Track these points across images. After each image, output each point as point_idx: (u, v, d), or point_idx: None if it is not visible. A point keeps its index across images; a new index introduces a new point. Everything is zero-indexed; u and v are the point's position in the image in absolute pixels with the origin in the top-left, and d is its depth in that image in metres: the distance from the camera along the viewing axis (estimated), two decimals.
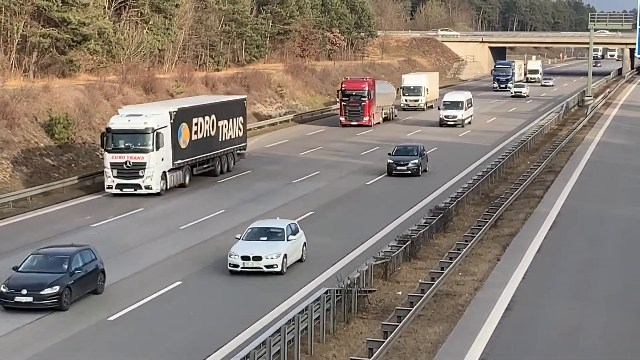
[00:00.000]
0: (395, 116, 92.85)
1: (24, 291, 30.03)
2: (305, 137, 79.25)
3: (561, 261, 37.68)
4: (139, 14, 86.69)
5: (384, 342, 26.09)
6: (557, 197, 51.18)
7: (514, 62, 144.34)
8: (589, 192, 53.90)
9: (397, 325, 27.48)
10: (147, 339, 28.32)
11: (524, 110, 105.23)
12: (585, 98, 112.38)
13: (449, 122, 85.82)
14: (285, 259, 34.97)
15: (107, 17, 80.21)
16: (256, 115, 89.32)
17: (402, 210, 47.47)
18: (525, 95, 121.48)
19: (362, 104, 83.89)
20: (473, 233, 40.47)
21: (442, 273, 33.58)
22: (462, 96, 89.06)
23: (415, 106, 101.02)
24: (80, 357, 27.05)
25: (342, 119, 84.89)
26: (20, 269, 31.34)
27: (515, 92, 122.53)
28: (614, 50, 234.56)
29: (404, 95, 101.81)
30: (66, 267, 31.09)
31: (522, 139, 74.24)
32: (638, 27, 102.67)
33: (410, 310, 28.99)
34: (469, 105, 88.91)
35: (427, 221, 41.46)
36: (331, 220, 45.77)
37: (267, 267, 34.56)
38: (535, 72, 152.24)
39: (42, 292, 30.01)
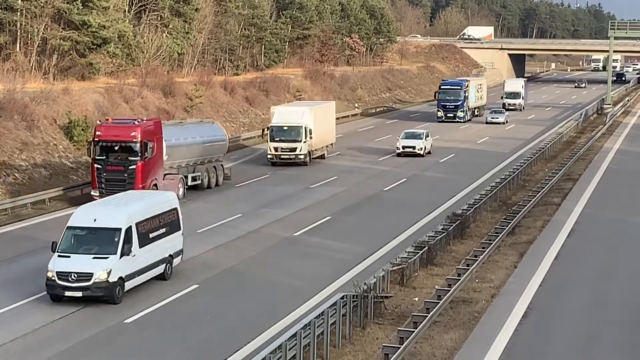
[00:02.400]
0: (226, 178, 57.57)
1: None
2: None
3: (578, 269, 37.58)
4: (159, 18, 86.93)
5: (400, 347, 26.07)
6: (575, 204, 51.03)
7: (467, 80, 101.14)
8: (607, 200, 53.72)
9: (413, 331, 27.45)
10: (162, 342, 28.34)
11: (542, 117, 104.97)
12: (605, 106, 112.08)
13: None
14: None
15: (127, 21, 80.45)
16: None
17: (420, 216, 47.42)
18: (503, 122, 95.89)
19: (130, 167, 47.74)
20: (490, 240, 40.38)
21: (459, 279, 33.51)
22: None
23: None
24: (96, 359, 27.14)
25: (94, 193, 48.02)
26: None
27: (491, 119, 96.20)
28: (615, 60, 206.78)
29: None
30: None
31: (540, 146, 74.07)
32: None
33: (427, 316, 28.95)
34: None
35: (444, 227, 41.39)
36: (348, 225, 45.77)
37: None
38: (516, 95, 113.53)
39: None
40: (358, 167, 64.86)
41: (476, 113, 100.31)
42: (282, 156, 63.69)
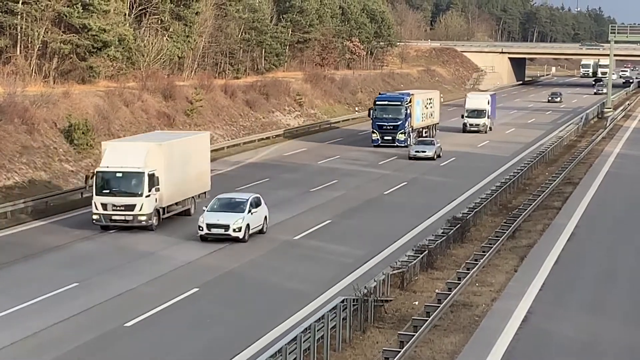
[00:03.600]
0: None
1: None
2: (323, 145, 79.30)
3: (579, 273, 37.57)
4: (159, 21, 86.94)
5: (400, 351, 26.05)
6: (575, 208, 51.03)
7: (409, 94, 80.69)
8: (608, 204, 53.71)
9: (414, 335, 27.44)
10: (163, 346, 28.33)
11: (542, 121, 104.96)
12: (605, 110, 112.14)
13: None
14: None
15: (128, 24, 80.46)
16: (274, 123, 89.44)
17: (420, 220, 47.43)
18: (432, 156, 70.53)
19: None
20: (490, 244, 40.38)
21: (459, 283, 33.50)
22: None
23: None
24: None
25: None
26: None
27: (415, 153, 70.85)
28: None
29: None
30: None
31: (541, 150, 74.08)
32: None
33: (427, 320, 28.94)
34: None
35: (444, 231, 41.39)
36: (349, 228, 45.77)
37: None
38: (479, 114, 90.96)
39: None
40: (358, 170, 64.86)
41: (424, 134, 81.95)
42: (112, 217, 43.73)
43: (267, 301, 33.06)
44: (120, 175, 43.34)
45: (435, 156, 69.44)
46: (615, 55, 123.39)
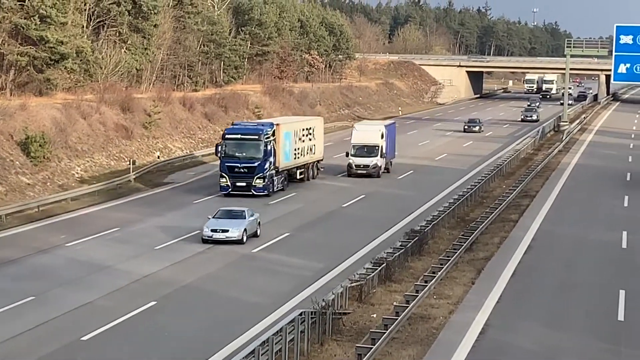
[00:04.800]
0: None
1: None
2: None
3: (536, 285, 37.80)
4: (118, 34, 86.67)
5: None
6: (532, 221, 51.36)
7: (272, 124, 60.95)
8: (564, 216, 54.10)
9: (371, 348, 27.47)
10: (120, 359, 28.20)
11: (500, 134, 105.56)
12: (561, 123, 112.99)
13: None
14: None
15: (85, 36, 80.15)
16: None
17: (378, 232, 47.53)
18: (238, 238, 45.50)
19: None
20: (448, 256, 40.53)
21: (417, 296, 33.60)
22: None
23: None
24: None
25: None
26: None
27: (209, 236, 45.01)
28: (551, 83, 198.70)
29: None
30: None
31: (498, 163, 74.50)
32: (614, 53, 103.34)
33: (385, 332, 28.99)
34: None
35: (402, 244, 41.50)
36: (307, 241, 45.78)
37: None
38: (370, 151, 68.58)
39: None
40: (316, 183, 64.90)
41: (299, 175, 63.89)
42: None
43: (225, 314, 32.98)
44: None
45: (243, 238, 43.95)
46: (571, 69, 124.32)
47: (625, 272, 40.50)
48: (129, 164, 63.77)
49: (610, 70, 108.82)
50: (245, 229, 44.39)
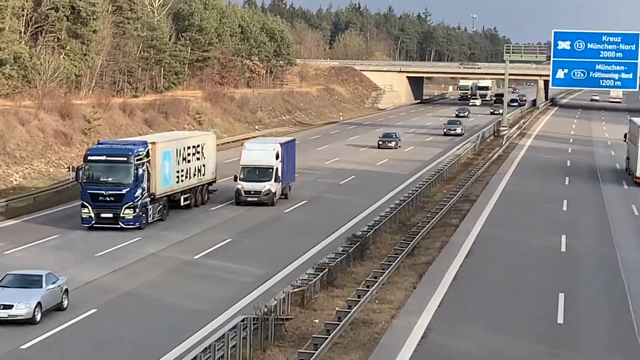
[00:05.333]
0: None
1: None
2: (223, 164, 78.89)
3: (476, 289, 38.06)
4: (56, 39, 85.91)
5: None
6: (472, 225, 51.72)
7: (146, 143, 51.11)
8: (504, 220, 54.53)
9: (314, 354, 27.47)
10: None
11: (440, 139, 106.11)
12: (501, 128, 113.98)
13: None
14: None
15: (23, 42, 79.35)
16: None
17: (320, 238, 47.57)
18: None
19: None
20: (390, 261, 40.65)
21: (359, 301, 33.66)
22: None
23: None
24: None
25: None
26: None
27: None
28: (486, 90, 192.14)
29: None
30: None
31: (439, 168, 74.90)
32: (552, 59, 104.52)
33: (327, 338, 29.01)
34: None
35: (344, 249, 41.57)
36: (249, 247, 45.68)
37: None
38: (263, 174, 58.04)
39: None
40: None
41: (184, 202, 54.93)
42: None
43: (167, 321, 32.80)
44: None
45: (35, 317, 32.22)
46: (510, 74, 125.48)
47: (565, 276, 40.95)
48: (68, 170, 63.16)
49: (548, 75, 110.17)
50: (39, 303, 32.11)
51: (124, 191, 48.48)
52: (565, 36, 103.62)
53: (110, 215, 48.39)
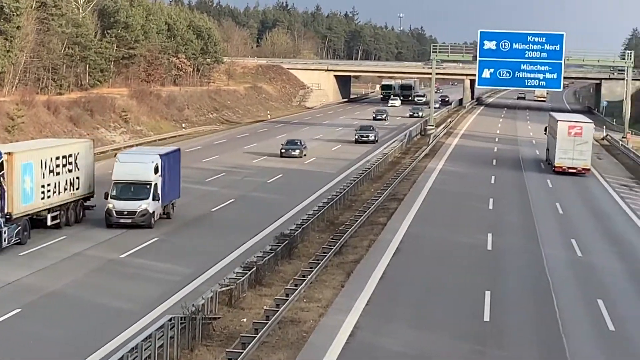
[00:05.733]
0: None
1: None
2: None
3: (404, 287, 38.20)
4: None
5: None
6: (400, 224, 51.93)
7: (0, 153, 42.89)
8: (431, 219, 54.83)
9: (242, 353, 27.37)
10: None
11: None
12: (428, 127, 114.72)
13: None
14: None
15: None
16: (100, 140, 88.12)
17: (248, 236, 47.42)
18: None
19: None
20: (318, 260, 40.68)
21: (287, 300, 33.62)
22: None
23: None
24: None
25: None
26: None
27: None
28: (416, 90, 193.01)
29: None
30: None
31: (366, 166, 75.11)
32: (478, 58, 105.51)
33: (255, 337, 28.92)
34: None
35: (272, 248, 41.49)
36: (176, 246, 45.38)
37: None
38: (138, 192, 49.56)
39: None
40: (185, 187, 64.25)
41: (52, 221, 47.39)
42: None
43: (93, 321, 32.43)
44: None
45: None
46: (437, 74, 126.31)
47: (491, 274, 41.29)
48: None
49: (475, 75, 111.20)
50: None
51: None
52: (491, 36, 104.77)
53: None
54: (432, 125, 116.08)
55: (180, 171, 55.05)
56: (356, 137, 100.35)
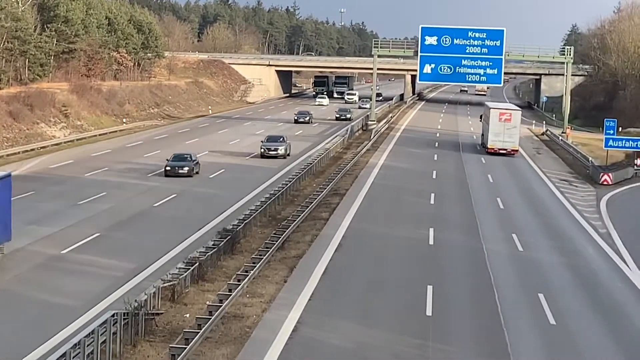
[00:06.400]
0: None
1: None
2: (90, 157, 77.87)
3: (346, 282, 38.37)
4: None
5: None
6: (342, 219, 52.12)
7: None
8: (374, 214, 55.09)
9: (185, 348, 27.36)
10: None
11: (310, 133, 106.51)
12: (369, 122, 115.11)
13: None
14: None
15: None
16: (39, 135, 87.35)
17: (191, 232, 47.32)
18: None
19: None
20: (260, 255, 40.76)
21: (230, 295, 33.66)
22: None
23: None
24: None
25: None
26: None
27: None
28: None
29: None
30: None
31: (308, 161, 75.21)
32: (419, 54, 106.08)
33: (198, 332, 28.92)
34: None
35: (214, 243, 41.47)
36: (118, 242, 45.15)
37: None
38: None
39: None
40: (127, 182, 64.08)
41: None
42: None
43: (34, 317, 32.21)
44: None
45: None
46: (378, 69, 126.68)
47: (433, 268, 41.58)
48: None
49: (416, 70, 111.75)
50: None
51: None
52: (432, 31, 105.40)
53: None
54: (374, 121, 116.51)
55: (11, 205, 41.62)
56: (262, 150, 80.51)
